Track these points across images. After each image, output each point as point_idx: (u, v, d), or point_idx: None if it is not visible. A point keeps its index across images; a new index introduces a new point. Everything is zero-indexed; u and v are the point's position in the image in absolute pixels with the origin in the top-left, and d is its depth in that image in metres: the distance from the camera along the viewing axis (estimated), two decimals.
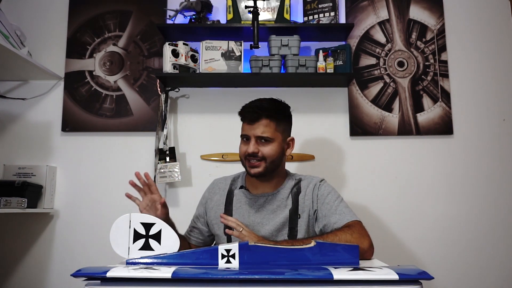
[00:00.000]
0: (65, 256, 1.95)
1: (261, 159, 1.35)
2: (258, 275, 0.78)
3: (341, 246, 0.95)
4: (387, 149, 2.04)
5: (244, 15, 1.99)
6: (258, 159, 1.35)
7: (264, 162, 1.36)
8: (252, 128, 1.36)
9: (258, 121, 1.36)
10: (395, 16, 2.13)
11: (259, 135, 1.35)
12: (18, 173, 1.91)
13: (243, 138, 1.40)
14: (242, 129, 1.41)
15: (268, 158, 1.35)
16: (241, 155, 1.40)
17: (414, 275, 0.78)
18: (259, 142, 1.36)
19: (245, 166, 1.40)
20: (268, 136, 1.35)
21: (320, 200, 1.37)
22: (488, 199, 2.02)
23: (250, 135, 1.37)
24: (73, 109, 2.04)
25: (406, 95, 2.07)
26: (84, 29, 2.09)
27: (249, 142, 1.36)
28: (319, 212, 1.36)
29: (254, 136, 1.36)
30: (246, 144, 1.38)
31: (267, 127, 1.36)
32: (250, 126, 1.37)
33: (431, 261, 1.95)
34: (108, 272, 0.77)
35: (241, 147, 1.40)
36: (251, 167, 1.36)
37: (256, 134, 1.35)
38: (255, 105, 1.40)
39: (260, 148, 1.35)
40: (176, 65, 1.91)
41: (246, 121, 1.39)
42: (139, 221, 0.99)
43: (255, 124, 1.36)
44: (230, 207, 1.42)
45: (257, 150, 1.35)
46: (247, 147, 1.36)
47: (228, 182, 1.49)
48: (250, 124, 1.37)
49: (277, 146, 1.38)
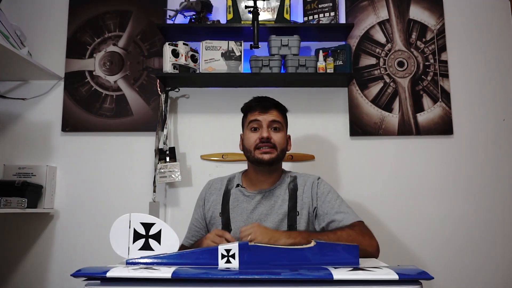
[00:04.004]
0: (65, 256, 1.95)
1: (273, 146, 1.38)
2: (258, 275, 0.78)
3: (341, 246, 0.95)
4: (387, 149, 2.04)
5: (244, 15, 1.99)
6: (270, 145, 1.37)
7: (276, 150, 1.38)
8: (265, 115, 1.40)
9: (271, 109, 1.42)
10: (395, 16, 2.13)
11: (272, 119, 1.40)
12: (18, 173, 1.91)
13: (252, 126, 1.41)
14: (251, 117, 1.42)
15: (278, 146, 1.39)
16: (251, 145, 1.39)
17: (414, 275, 0.78)
18: (271, 129, 1.40)
19: (254, 156, 1.38)
20: (280, 121, 1.41)
21: (320, 198, 1.38)
22: (488, 199, 2.02)
23: (262, 120, 1.40)
24: (73, 109, 2.04)
25: (406, 95, 2.07)
26: (84, 29, 2.09)
27: (260, 129, 1.39)
28: (319, 209, 1.37)
29: (266, 122, 1.39)
30: (255, 133, 1.40)
31: (278, 116, 1.42)
32: (262, 113, 1.40)
33: (431, 261, 1.95)
34: (108, 272, 0.77)
35: (250, 136, 1.40)
36: (264, 153, 1.37)
37: (269, 119, 1.40)
38: (263, 98, 1.47)
39: (271, 134, 1.38)
40: (176, 65, 1.91)
41: (258, 110, 1.41)
42: (139, 221, 0.99)
43: (268, 112, 1.41)
44: (227, 206, 1.42)
45: (270, 136, 1.38)
46: (259, 134, 1.38)
47: (224, 182, 1.49)
48: (263, 113, 1.40)
49: (285, 135, 1.43)
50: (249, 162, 1.44)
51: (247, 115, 1.46)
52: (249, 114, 1.44)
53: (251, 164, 1.44)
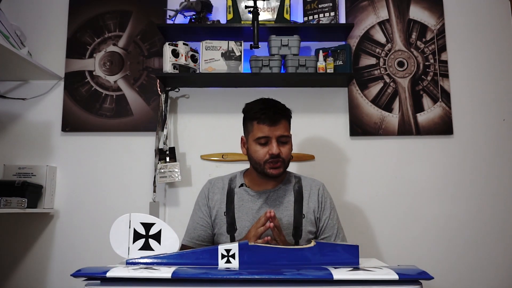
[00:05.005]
0: (65, 256, 1.95)
1: (282, 160, 1.37)
2: (258, 275, 0.78)
3: (341, 246, 0.95)
4: (387, 149, 2.04)
5: (244, 15, 1.99)
6: (280, 161, 1.36)
7: (283, 163, 1.38)
8: (274, 130, 1.36)
9: (279, 122, 1.37)
10: (395, 16, 2.13)
11: (281, 135, 1.36)
12: (18, 173, 1.91)
13: (260, 141, 1.36)
14: (260, 131, 1.36)
15: (286, 158, 1.38)
16: (260, 159, 1.36)
17: (414, 275, 0.78)
18: (279, 143, 1.37)
19: (263, 169, 1.37)
20: (287, 134, 1.39)
21: (324, 212, 1.44)
22: (488, 199, 2.02)
23: (271, 136, 1.35)
24: (73, 109, 2.04)
25: (406, 95, 2.07)
26: (84, 29, 2.09)
27: (269, 144, 1.35)
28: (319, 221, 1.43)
29: (275, 137, 1.36)
30: (264, 147, 1.36)
31: (285, 127, 1.39)
32: (271, 128, 1.35)
33: (431, 261, 1.95)
34: (108, 272, 0.78)
35: (258, 150, 1.36)
36: (273, 169, 1.36)
37: (277, 135, 1.36)
38: (272, 105, 1.40)
39: (280, 148, 1.36)
40: (176, 65, 1.91)
41: (267, 123, 1.36)
42: (139, 221, 0.99)
43: (277, 125, 1.36)
44: (231, 206, 1.42)
45: (280, 151, 1.36)
46: (269, 149, 1.35)
47: (226, 182, 1.48)
48: (271, 126, 1.35)
49: (291, 145, 1.42)
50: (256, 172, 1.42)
51: (252, 123, 1.39)
52: (256, 124, 1.37)
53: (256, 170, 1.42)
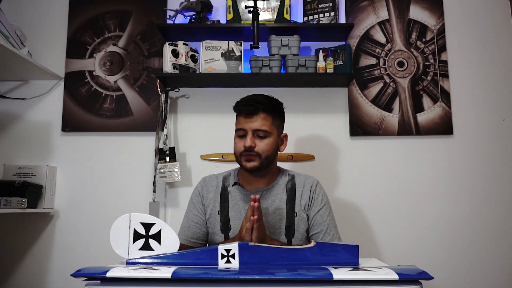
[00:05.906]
0: (65, 256, 1.95)
1: (257, 154, 1.34)
2: (258, 275, 0.78)
3: (341, 246, 0.95)
4: (387, 149, 2.04)
5: (244, 15, 1.99)
6: (253, 154, 1.34)
7: (259, 158, 1.35)
8: (249, 122, 1.35)
9: (256, 114, 1.35)
10: (395, 16, 2.12)
11: (256, 128, 1.35)
12: (18, 173, 1.91)
13: (238, 133, 1.38)
14: (238, 122, 1.39)
15: (263, 154, 1.35)
16: (237, 152, 1.38)
17: (414, 275, 0.78)
18: (256, 137, 1.35)
19: (240, 161, 1.38)
20: (266, 129, 1.35)
21: (313, 207, 1.40)
22: (487, 199, 2.02)
23: (247, 128, 1.35)
24: (73, 109, 2.04)
25: (406, 95, 2.07)
26: (84, 29, 2.09)
27: (245, 137, 1.35)
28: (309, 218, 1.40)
29: (251, 130, 1.35)
30: (241, 140, 1.37)
31: (265, 121, 1.36)
32: (247, 120, 1.35)
33: (431, 261, 1.95)
34: (108, 272, 0.78)
35: (237, 143, 1.38)
36: (246, 161, 1.35)
37: (253, 128, 1.35)
38: (252, 98, 1.39)
39: (256, 142, 1.35)
40: (176, 65, 1.91)
41: (243, 115, 1.37)
42: (139, 221, 0.99)
43: (253, 118, 1.35)
44: (226, 204, 1.41)
45: (254, 145, 1.34)
46: (243, 142, 1.35)
47: (220, 180, 1.47)
48: (248, 118, 1.35)
49: (273, 141, 1.38)
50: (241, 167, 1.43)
51: (236, 116, 1.42)
52: (237, 117, 1.40)
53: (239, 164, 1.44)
